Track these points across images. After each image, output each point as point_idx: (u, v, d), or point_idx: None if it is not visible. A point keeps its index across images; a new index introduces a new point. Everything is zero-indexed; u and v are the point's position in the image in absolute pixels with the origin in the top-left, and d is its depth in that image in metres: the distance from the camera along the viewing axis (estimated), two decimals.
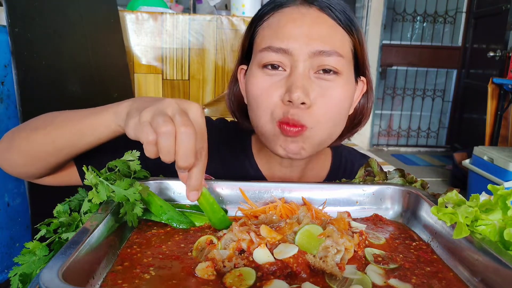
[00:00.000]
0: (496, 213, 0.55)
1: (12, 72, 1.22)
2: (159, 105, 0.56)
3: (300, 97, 0.72)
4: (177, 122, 0.53)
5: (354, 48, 0.80)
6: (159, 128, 0.52)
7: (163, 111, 0.55)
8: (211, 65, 2.29)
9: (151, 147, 0.53)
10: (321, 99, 0.75)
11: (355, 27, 0.79)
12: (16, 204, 1.45)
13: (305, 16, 0.76)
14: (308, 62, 0.74)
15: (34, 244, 0.58)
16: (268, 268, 0.50)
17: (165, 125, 0.52)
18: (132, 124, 0.57)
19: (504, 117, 3.40)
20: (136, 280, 0.49)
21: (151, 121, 0.54)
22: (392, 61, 5.03)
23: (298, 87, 0.72)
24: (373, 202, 0.73)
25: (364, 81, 0.86)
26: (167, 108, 0.55)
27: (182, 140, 0.52)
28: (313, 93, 0.74)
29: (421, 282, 0.51)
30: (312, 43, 0.74)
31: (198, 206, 0.69)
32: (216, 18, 2.24)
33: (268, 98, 0.76)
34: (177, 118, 0.53)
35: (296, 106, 0.73)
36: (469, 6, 4.88)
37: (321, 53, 0.74)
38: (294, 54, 0.74)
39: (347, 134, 0.91)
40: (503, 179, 2.70)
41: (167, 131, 0.52)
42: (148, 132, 0.53)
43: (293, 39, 0.74)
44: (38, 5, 1.36)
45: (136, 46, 2.19)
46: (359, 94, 0.86)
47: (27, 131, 0.74)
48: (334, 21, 0.77)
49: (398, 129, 5.33)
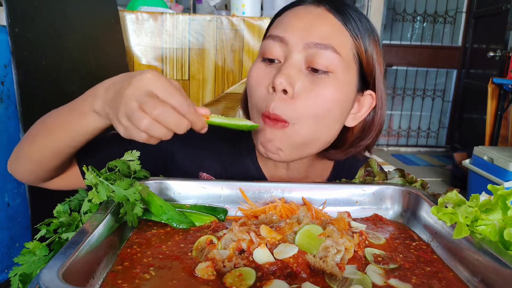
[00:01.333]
0: (496, 213, 0.55)
1: (12, 72, 1.22)
2: (123, 102, 0.58)
3: (282, 83, 0.71)
4: (148, 110, 0.56)
5: (358, 55, 0.77)
6: (140, 127, 0.57)
7: (130, 107, 0.57)
8: (211, 65, 2.29)
9: (150, 141, 0.59)
10: (307, 93, 0.73)
11: (362, 34, 0.77)
12: (16, 204, 1.45)
13: (310, 13, 0.77)
14: (302, 54, 0.74)
15: (34, 244, 0.58)
16: (268, 268, 0.50)
17: (141, 122, 0.56)
18: (121, 132, 0.61)
19: (504, 117, 3.40)
20: (136, 280, 0.49)
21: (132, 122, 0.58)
22: (392, 61, 5.03)
23: (283, 73, 0.72)
24: (373, 202, 0.73)
25: (372, 95, 0.81)
26: (130, 101, 0.57)
27: (164, 120, 0.57)
28: (299, 84, 0.73)
29: (421, 282, 0.51)
30: (308, 35, 0.74)
31: (198, 206, 0.69)
32: (216, 18, 2.24)
33: (258, 88, 0.77)
34: (145, 107, 0.56)
35: (278, 95, 0.72)
36: (469, 6, 4.88)
37: (316, 45, 0.73)
38: (289, 44, 0.74)
39: (351, 149, 0.85)
40: (503, 179, 2.70)
41: (147, 124, 0.56)
42: (137, 134, 0.58)
43: (292, 30, 0.75)
44: (38, 5, 1.36)
45: (136, 46, 2.19)
46: (368, 108, 0.82)
47: (30, 138, 0.76)
48: (338, 21, 0.76)
49: (398, 129, 5.33)
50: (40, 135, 0.74)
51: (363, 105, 0.82)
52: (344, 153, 0.85)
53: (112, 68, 1.93)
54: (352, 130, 0.84)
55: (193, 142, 0.90)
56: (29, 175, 0.80)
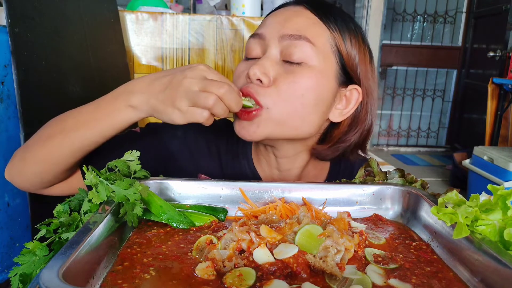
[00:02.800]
0: (496, 213, 0.55)
1: (12, 72, 1.22)
2: (183, 88, 0.64)
3: (256, 74, 0.74)
4: (214, 89, 0.64)
5: (337, 47, 0.78)
6: (207, 104, 0.63)
7: (193, 90, 0.64)
8: (211, 65, 2.29)
9: (209, 120, 0.66)
10: (282, 80, 0.75)
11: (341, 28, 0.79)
12: (16, 204, 1.45)
13: (288, 10, 0.80)
14: (278, 47, 0.77)
15: (34, 244, 0.58)
16: (268, 268, 0.50)
17: (209, 99, 0.63)
18: (177, 117, 0.66)
19: (504, 117, 3.40)
20: (136, 280, 0.49)
21: (196, 105, 0.64)
22: (392, 61, 5.03)
23: (257, 64, 0.75)
24: (373, 202, 0.73)
25: (358, 89, 0.81)
26: (191, 87, 0.64)
27: (229, 98, 0.65)
28: (273, 73, 0.75)
29: (421, 282, 0.51)
30: (283, 29, 0.77)
31: (198, 206, 0.69)
32: (216, 18, 2.24)
33: (238, 80, 0.80)
34: (210, 88, 0.64)
35: (253, 83, 0.75)
36: (469, 6, 4.87)
37: (290, 37, 0.76)
38: (266, 39, 0.78)
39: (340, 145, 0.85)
40: (503, 179, 2.70)
41: (214, 101, 0.63)
42: (199, 113, 0.64)
43: (268, 25, 0.79)
44: (38, 5, 1.36)
45: (136, 46, 2.19)
46: (354, 103, 0.82)
47: (42, 139, 0.76)
48: (315, 16, 0.78)
49: (398, 129, 5.33)
50: (58, 134, 0.74)
51: (350, 101, 0.83)
52: (332, 149, 0.85)
53: (112, 68, 1.93)
54: (339, 125, 0.84)
55: (192, 142, 0.90)
56: (34, 179, 0.78)
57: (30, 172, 0.77)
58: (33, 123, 0.79)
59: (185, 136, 0.90)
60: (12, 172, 0.80)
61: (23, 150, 0.79)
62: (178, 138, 0.90)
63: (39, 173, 0.77)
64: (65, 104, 1.47)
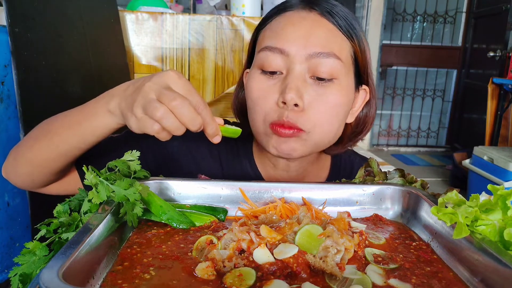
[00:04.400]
0: (496, 213, 0.55)
1: (12, 72, 1.22)
2: (141, 94, 0.59)
3: (293, 98, 0.72)
4: (165, 101, 0.57)
5: (355, 55, 0.79)
6: (154, 115, 0.57)
7: (148, 97, 0.58)
8: (211, 65, 2.29)
9: (161, 134, 0.59)
10: (316, 103, 0.75)
11: (357, 34, 0.79)
12: (16, 204, 1.45)
13: (304, 20, 0.76)
14: (304, 64, 0.74)
15: (34, 244, 0.58)
16: (268, 268, 0.50)
17: (157, 110, 0.57)
18: (133, 124, 0.61)
19: (504, 117, 3.40)
20: (136, 280, 0.49)
21: (146, 114, 0.58)
22: (392, 61, 5.03)
23: (292, 88, 0.72)
24: (373, 202, 0.73)
25: (366, 89, 0.84)
26: (149, 93, 0.59)
27: (180, 113, 0.57)
28: (307, 96, 0.74)
29: (421, 282, 0.51)
30: (309, 45, 0.74)
31: (198, 206, 0.69)
32: (216, 18, 2.24)
33: (265, 101, 0.76)
34: (163, 98, 0.57)
35: (290, 108, 0.73)
36: (469, 6, 4.88)
37: (318, 54, 0.74)
38: (290, 55, 0.74)
39: (349, 143, 0.89)
40: (503, 179, 2.70)
41: (162, 114, 0.57)
42: (150, 124, 0.58)
43: (291, 40, 0.75)
44: (38, 5, 1.36)
45: (136, 46, 2.19)
46: (362, 103, 0.85)
47: (30, 141, 0.75)
48: (333, 25, 0.76)
49: (398, 129, 5.33)
50: (44, 137, 0.73)
51: (357, 101, 0.85)
52: (343, 147, 0.89)
53: (112, 68, 1.93)
54: (349, 125, 0.86)
55: (192, 143, 0.90)
56: (25, 179, 0.78)
57: (21, 172, 0.77)
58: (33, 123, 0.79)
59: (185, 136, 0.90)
60: (7, 170, 0.80)
61: (16, 149, 0.78)
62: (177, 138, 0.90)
63: (29, 174, 0.76)
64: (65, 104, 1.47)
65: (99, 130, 0.69)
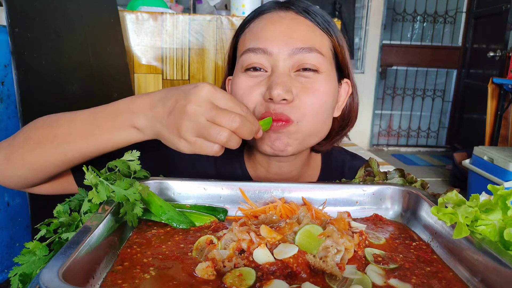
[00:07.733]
0: (496, 213, 0.55)
1: (12, 72, 1.22)
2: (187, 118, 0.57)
3: (280, 94, 0.73)
4: (226, 124, 0.57)
5: (334, 50, 0.82)
6: (218, 140, 0.57)
7: (199, 122, 0.57)
8: (211, 65, 2.29)
9: (220, 152, 0.59)
10: (304, 93, 0.76)
11: (334, 29, 0.82)
12: (16, 204, 1.45)
13: (283, 18, 0.79)
14: (288, 61, 0.76)
15: (34, 244, 0.58)
16: (268, 268, 0.50)
17: (221, 135, 0.57)
18: (185, 148, 0.60)
19: (504, 117, 3.40)
20: (136, 280, 0.49)
21: (203, 137, 0.58)
22: (392, 61, 5.03)
23: (278, 83, 0.73)
24: (373, 202, 0.73)
25: (348, 83, 0.87)
26: (197, 117, 0.57)
27: (242, 132, 0.58)
28: (295, 89, 0.75)
29: (421, 282, 0.51)
30: (291, 42, 0.76)
31: (198, 206, 0.69)
32: (216, 18, 2.24)
33: (250, 96, 0.77)
34: (221, 121, 0.57)
35: (277, 103, 0.74)
36: (469, 6, 4.88)
37: (301, 50, 0.76)
38: (274, 54, 0.76)
39: (336, 137, 0.91)
40: (503, 179, 2.70)
41: (227, 137, 0.57)
42: (209, 147, 0.58)
43: (272, 39, 0.76)
44: (38, 5, 1.36)
45: (136, 46, 2.19)
46: (345, 96, 0.88)
47: (29, 144, 0.71)
48: (311, 22, 0.79)
49: (398, 129, 5.33)
50: (50, 142, 0.69)
51: (341, 94, 0.87)
52: (331, 142, 0.91)
53: (112, 68, 1.93)
54: (336, 119, 0.88)
55: None
56: (18, 180, 0.75)
57: (16, 174, 0.74)
58: None
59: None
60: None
61: (8, 148, 0.73)
62: None
63: (25, 177, 0.74)
64: (65, 104, 1.47)
65: (121, 143, 0.68)
